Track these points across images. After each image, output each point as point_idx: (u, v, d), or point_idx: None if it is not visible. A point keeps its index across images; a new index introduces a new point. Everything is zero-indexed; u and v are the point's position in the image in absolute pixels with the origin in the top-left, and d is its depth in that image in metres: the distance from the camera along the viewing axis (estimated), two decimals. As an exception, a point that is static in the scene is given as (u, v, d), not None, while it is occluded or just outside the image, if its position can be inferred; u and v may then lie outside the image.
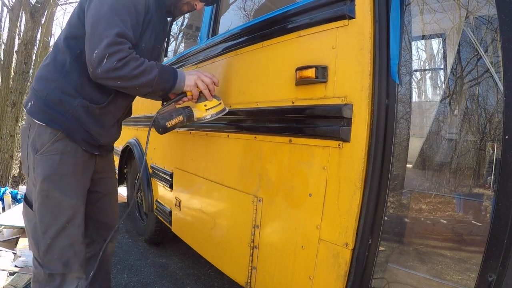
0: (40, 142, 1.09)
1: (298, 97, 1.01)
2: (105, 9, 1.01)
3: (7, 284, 1.86)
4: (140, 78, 1.04)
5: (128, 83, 1.04)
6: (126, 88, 1.08)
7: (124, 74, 1.01)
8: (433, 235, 1.38)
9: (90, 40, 1.00)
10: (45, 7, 4.67)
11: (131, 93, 1.18)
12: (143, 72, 1.04)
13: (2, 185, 3.99)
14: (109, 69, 0.99)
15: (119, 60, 0.99)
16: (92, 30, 1.01)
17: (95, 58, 0.98)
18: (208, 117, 1.17)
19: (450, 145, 1.44)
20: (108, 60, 0.98)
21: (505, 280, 0.67)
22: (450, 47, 1.52)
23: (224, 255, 1.36)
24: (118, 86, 1.06)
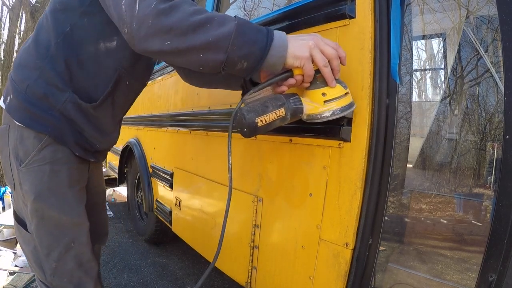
0: (24, 150, 0.85)
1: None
2: None
3: (7, 284, 1.86)
4: (205, 32, 0.63)
5: (184, 43, 0.64)
6: (182, 57, 0.67)
7: (175, 22, 0.63)
8: (434, 235, 1.38)
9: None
10: (45, 7, 4.67)
11: (194, 68, 0.72)
12: (208, 21, 0.64)
13: (2, 185, 3.99)
14: (148, 15, 0.63)
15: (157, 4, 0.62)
16: None
17: (125, 10, 0.65)
18: (327, 114, 0.74)
19: (451, 145, 1.44)
20: (140, 5, 0.63)
21: (505, 280, 0.67)
22: (451, 47, 1.52)
23: (224, 255, 1.36)
24: (170, 53, 0.66)
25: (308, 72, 0.70)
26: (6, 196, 3.16)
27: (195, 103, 1.62)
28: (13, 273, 1.98)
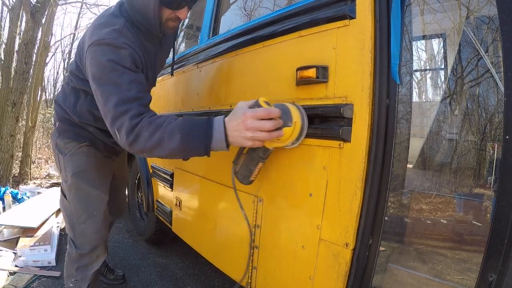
0: (68, 149, 1.30)
1: (298, 97, 1.01)
2: (98, 89, 0.98)
3: (7, 284, 1.86)
4: (161, 149, 0.90)
5: (154, 155, 0.95)
6: (158, 157, 1.02)
7: (141, 147, 0.92)
8: (434, 235, 1.38)
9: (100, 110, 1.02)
10: (45, 7, 4.67)
11: None
12: (161, 141, 0.89)
13: (3, 185, 3.99)
14: (126, 144, 0.94)
15: (127, 134, 0.91)
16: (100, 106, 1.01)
17: (113, 136, 0.98)
18: (290, 145, 0.96)
19: (451, 145, 1.44)
20: (120, 136, 0.94)
21: (505, 280, 0.67)
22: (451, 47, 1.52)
23: (225, 255, 1.36)
24: (150, 157, 1.12)
25: (257, 145, 0.90)
26: (6, 196, 3.16)
27: (195, 104, 1.62)
28: (13, 273, 1.98)
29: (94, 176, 1.32)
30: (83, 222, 1.31)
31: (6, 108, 4.40)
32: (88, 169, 1.31)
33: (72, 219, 1.33)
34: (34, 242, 2.20)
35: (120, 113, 0.92)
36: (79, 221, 1.31)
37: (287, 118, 0.88)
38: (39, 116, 6.85)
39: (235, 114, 0.87)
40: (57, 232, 2.50)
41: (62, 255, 2.28)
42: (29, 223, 2.38)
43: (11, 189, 3.50)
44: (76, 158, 1.29)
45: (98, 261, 1.39)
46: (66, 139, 1.30)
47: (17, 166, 5.13)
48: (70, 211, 1.32)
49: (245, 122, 0.84)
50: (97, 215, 1.32)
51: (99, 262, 1.40)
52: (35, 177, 5.32)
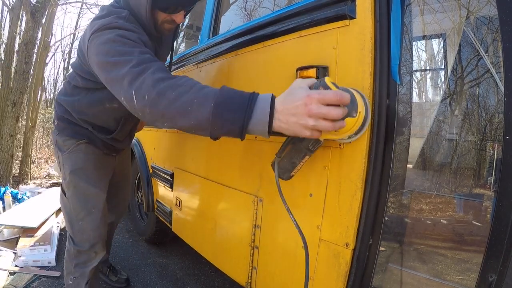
0: (66, 146, 1.31)
1: (298, 97, 1.01)
2: (105, 66, 0.87)
3: (7, 284, 1.86)
4: (187, 117, 0.73)
5: (176, 125, 0.76)
6: (179, 129, 0.81)
7: (163, 110, 0.74)
8: (434, 235, 1.38)
9: (113, 90, 0.87)
10: (45, 7, 4.67)
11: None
12: (190, 105, 0.72)
13: (3, 185, 3.99)
14: (144, 107, 0.77)
15: (149, 91, 0.75)
16: (108, 84, 0.88)
17: (127, 103, 0.82)
18: (346, 139, 0.83)
19: (451, 145, 1.44)
20: (137, 99, 0.77)
21: (505, 280, 0.67)
22: (451, 47, 1.53)
23: (225, 255, 1.36)
24: (171, 127, 0.85)
25: (315, 136, 0.70)
26: (6, 196, 3.16)
27: (195, 103, 1.62)
28: (13, 273, 1.98)
29: (92, 174, 1.33)
30: (82, 220, 1.32)
31: (6, 108, 4.40)
32: (85, 167, 1.31)
33: (71, 216, 1.34)
34: (34, 242, 2.20)
35: (140, 71, 0.79)
36: (77, 218, 1.33)
37: (352, 107, 0.72)
38: (39, 116, 6.85)
39: (293, 94, 0.68)
40: (57, 232, 2.50)
41: (62, 255, 2.28)
42: (29, 223, 2.38)
43: (11, 189, 3.50)
44: (74, 156, 1.30)
45: (96, 258, 1.40)
46: (65, 136, 1.31)
47: (17, 166, 5.13)
48: (69, 209, 1.34)
49: (308, 107, 0.65)
50: (95, 212, 1.33)
51: (98, 259, 1.41)
52: (35, 177, 5.32)
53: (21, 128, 5.22)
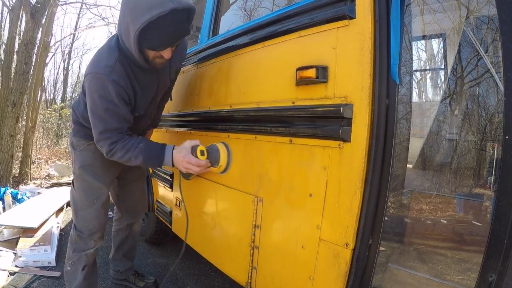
0: (79, 145, 1.49)
1: (298, 97, 1.01)
2: (91, 116, 1.26)
3: (7, 284, 1.86)
4: (130, 162, 1.29)
5: (126, 164, 1.34)
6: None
7: (116, 159, 1.30)
8: (434, 235, 1.38)
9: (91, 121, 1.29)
10: (45, 7, 4.67)
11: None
12: (130, 159, 1.27)
13: (3, 185, 3.99)
14: (106, 156, 1.31)
15: (106, 153, 1.29)
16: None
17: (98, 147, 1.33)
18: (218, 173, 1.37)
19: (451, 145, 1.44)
20: (102, 150, 1.30)
21: (505, 280, 0.67)
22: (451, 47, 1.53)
23: (225, 255, 1.36)
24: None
25: (193, 173, 1.38)
26: (6, 196, 3.16)
27: (195, 104, 1.62)
28: (13, 273, 1.98)
29: (98, 170, 1.49)
30: (85, 209, 1.49)
31: (6, 108, 4.40)
32: (93, 164, 1.48)
33: (76, 206, 1.51)
34: (34, 242, 2.20)
35: (103, 138, 1.26)
36: (81, 208, 1.49)
37: (215, 161, 1.31)
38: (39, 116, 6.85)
39: (181, 151, 1.27)
40: (57, 232, 2.50)
41: (62, 255, 2.28)
42: (29, 223, 2.38)
43: (11, 189, 3.50)
44: (84, 154, 1.48)
45: (94, 245, 1.53)
46: (78, 137, 1.49)
47: (17, 166, 5.13)
48: (76, 199, 1.51)
49: (182, 163, 1.27)
50: (97, 204, 1.49)
51: (95, 247, 1.54)
52: (35, 177, 5.32)
53: (21, 129, 5.22)
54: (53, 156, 7.18)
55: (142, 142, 1.28)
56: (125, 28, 1.13)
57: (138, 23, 1.05)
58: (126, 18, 1.11)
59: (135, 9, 1.06)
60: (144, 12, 1.04)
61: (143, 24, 1.04)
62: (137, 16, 1.05)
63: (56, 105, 10.03)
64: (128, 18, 1.09)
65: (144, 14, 1.03)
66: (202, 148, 1.27)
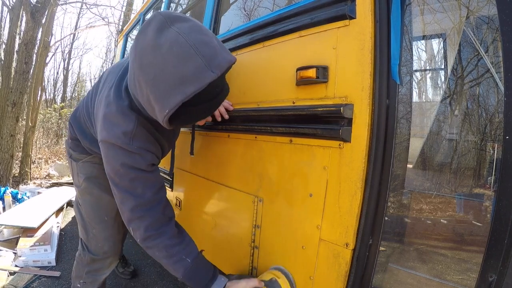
0: (79, 158, 1.32)
1: (298, 97, 1.01)
2: (114, 189, 0.99)
3: (7, 284, 1.86)
4: (166, 267, 1.01)
5: (161, 263, 1.02)
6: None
7: (150, 254, 1.01)
8: (434, 235, 1.38)
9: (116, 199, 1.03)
10: (45, 7, 4.67)
11: None
12: (167, 266, 1.00)
13: (3, 185, 4.00)
14: (140, 242, 1.00)
15: (141, 241, 0.99)
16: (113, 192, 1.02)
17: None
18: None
19: (451, 145, 1.44)
20: (134, 236, 1.00)
21: (505, 280, 0.67)
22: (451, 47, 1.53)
23: (225, 255, 1.36)
24: None
25: None
26: (6, 196, 3.16)
27: (195, 103, 1.62)
28: (13, 273, 1.98)
29: (106, 181, 1.21)
30: (94, 227, 1.32)
31: (6, 108, 4.40)
32: (100, 175, 1.28)
33: (85, 224, 1.34)
34: (34, 242, 2.20)
35: (136, 217, 0.97)
36: (91, 226, 1.33)
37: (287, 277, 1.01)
38: (39, 116, 6.85)
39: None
40: (57, 232, 2.50)
41: (62, 255, 2.28)
42: (29, 223, 2.38)
43: (11, 189, 3.50)
44: (88, 165, 1.31)
45: (110, 267, 1.41)
46: (78, 152, 1.32)
47: (17, 166, 5.13)
48: (83, 216, 1.34)
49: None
50: (108, 220, 1.32)
51: (111, 269, 1.41)
52: (35, 177, 5.32)
53: (21, 128, 5.22)
54: (53, 156, 7.18)
55: (190, 256, 0.99)
56: (146, 101, 0.83)
57: (167, 106, 0.76)
58: (144, 89, 0.80)
59: (158, 80, 0.76)
60: (173, 89, 0.75)
61: (174, 109, 0.76)
62: (164, 94, 0.76)
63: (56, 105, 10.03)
64: (148, 90, 0.78)
65: (174, 93, 0.75)
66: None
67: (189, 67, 0.74)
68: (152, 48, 0.75)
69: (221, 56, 0.77)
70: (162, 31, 0.76)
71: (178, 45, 0.74)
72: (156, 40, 0.75)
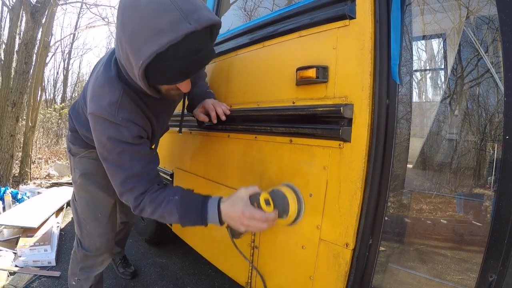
0: (77, 152, 1.32)
1: (298, 97, 1.01)
2: (104, 164, 1.00)
3: (7, 284, 1.86)
4: (164, 220, 1.00)
5: (160, 221, 1.03)
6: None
7: (148, 217, 1.01)
8: (434, 235, 1.38)
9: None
10: (45, 7, 4.66)
11: None
12: (163, 216, 0.98)
13: (3, 185, 3.99)
14: (134, 210, 1.00)
15: (134, 208, 0.99)
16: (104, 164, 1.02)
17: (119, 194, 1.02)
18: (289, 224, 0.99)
19: (451, 145, 1.44)
20: (129, 205, 1.01)
21: (505, 280, 0.67)
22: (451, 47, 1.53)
23: (225, 255, 1.36)
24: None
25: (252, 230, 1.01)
26: (6, 196, 3.16)
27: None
28: (13, 273, 1.98)
29: (102, 178, 1.27)
30: (88, 224, 1.34)
31: (6, 108, 4.40)
32: (95, 171, 1.30)
33: (79, 220, 1.36)
34: (34, 242, 2.20)
35: (126, 189, 0.97)
36: (85, 222, 1.34)
37: (283, 211, 0.93)
38: (39, 116, 6.85)
39: (234, 205, 0.91)
40: (57, 232, 2.50)
41: (62, 255, 2.28)
42: (29, 223, 2.38)
43: (11, 189, 3.49)
44: (84, 161, 1.31)
45: (102, 264, 1.42)
46: (77, 145, 1.32)
47: (17, 166, 5.12)
48: (78, 212, 1.35)
49: (241, 219, 0.89)
50: (102, 218, 1.33)
51: (104, 266, 1.42)
52: (35, 177, 5.32)
53: (21, 128, 5.22)
54: (53, 156, 7.18)
55: (177, 194, 0.97)
56: (125, 58, 0.82)
57: (142, 57, 0.75)
58: (124, 46, 0.79)
59: (134, 34, 0.75)
60: (148, 40, 0.73)
61: (148, 59, 0.75)
62: (139, 46, 0.75)
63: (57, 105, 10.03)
64: (127, 46, 0.78)
65: (148, 44, 0.73)
66: (267, 196, 0.91)
67: (165, 18, 0.73)
68: (131, 4, 0.76)
69: (201, 13, 0.76)
70: None
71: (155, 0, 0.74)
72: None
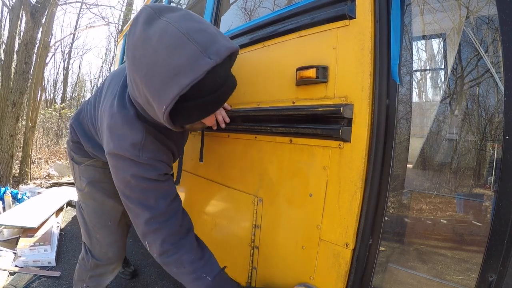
0: (81, 161, 1.27)
1: (298, 97, 1.01)
2: (125, 201, 0.94)
3: (7, 284, 1.86)
4: (187, 285, 0.94)
5: (179, 280, 0.95)
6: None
7: (167, 270, 0.95)
8: (434, 235, 1.38)
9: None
10: (45, 7, 4.67)
11: None
12: (186, 283, 0.92)
13: (3, 185, 3.99)
14: (157, 257, 0.93)
15: (158, 256, 0.92)
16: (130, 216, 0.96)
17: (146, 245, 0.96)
18: None
19: (451, 145, 1.44)
20: (150, 251, 0.94)
21: (505, 280, 0.67)
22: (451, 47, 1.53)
23: (225, 255, 1.36)
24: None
25: None
26: (6, 196, 3.16)
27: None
28: (13, 273, 1.98)
29: (109, 186, 1.23)
30: (98, 232, 1.29)
31: (6, 108, 4.40)
32: (102, 179, 1.26)
33: (88, 228, 1.31)
34: (34, 242, 2.20)
35: (150, 230, 0.91)
36: (94, 231, 1.30)
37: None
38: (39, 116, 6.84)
39: None
40: (57, 232, 2.50)
41: (62, 255, 2.28)
42: (29, 223, 2.38)
43: (11, 189, 3.50)
44: (90, 168, 1.27)
45: (113, 272, 1.40)
46: (80, 155, 1.28)
47: (17, 166, 5.13)
48: (86, 221, 1.31)
49: None
50: (112, 225, 1.29)
51: (115, 274, 1.41)
52: (35, 177, 5.32)
53: (21, 128, 5.22)
54: (53, 156, 7.18)
55: (211, 274, 0.92)
56: (145, 100, 0.77)
57: (164, 102, 0.69)
58: (140, 87, 0.74)
59: (150, 75, 0.69)
60: (167, 82, 0.67)
61: (172, 104, 0.69)
62: (158, 89, 0.69)
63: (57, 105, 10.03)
64: (144, 88, 0.72)
65: (169, 87, 0.67)
66: None
67: (182, 56, 0.66)
68: (142, 41, 0.70)
69: (219, 43, 0.70)
70: (151, 23, 0.70)
71: (168, 35, 0.67)
72: (145, 33, 0.69)
